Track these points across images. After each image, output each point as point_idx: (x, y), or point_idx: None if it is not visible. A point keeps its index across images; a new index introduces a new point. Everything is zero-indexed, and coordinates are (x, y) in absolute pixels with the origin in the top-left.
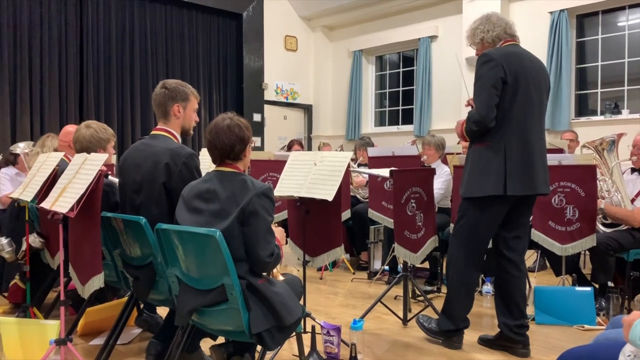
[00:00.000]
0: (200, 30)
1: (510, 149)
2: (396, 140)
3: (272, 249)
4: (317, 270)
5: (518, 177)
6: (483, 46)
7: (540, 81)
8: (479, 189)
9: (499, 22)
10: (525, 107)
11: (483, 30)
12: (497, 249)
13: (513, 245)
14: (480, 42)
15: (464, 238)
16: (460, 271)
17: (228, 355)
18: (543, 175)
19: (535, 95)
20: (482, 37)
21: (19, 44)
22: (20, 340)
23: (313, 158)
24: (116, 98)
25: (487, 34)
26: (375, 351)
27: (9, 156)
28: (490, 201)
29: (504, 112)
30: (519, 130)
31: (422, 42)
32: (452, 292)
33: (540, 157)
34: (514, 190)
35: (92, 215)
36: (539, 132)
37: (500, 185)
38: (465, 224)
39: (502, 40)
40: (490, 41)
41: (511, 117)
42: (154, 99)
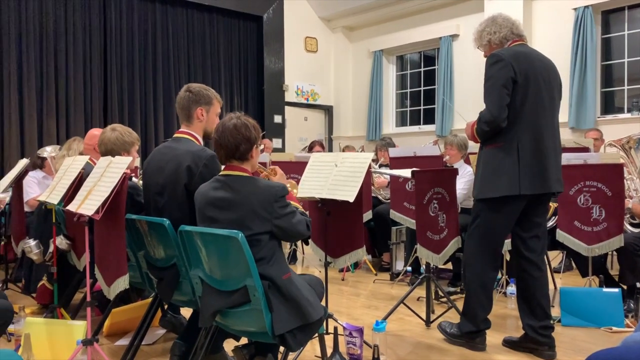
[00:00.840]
0: (222, 33)
1: (522, 148)
2: (418, 141)
3: (305, 222)
4: (338, 271)
5: (531, 176)
6: (490, 48)
7: (551, 80)
8: (493, 190)
9: (505, 22)
10: (536, 106)
11: (490, 32)
12: (517, 250)
13: (532, 246)
14: (487, 44)
15: (479, 239)
16: (476, 272)
17: (250, 357)
18: (556, 174)
19: (546, 94)
20: (489, 39)
21: (45, 49)
22: (48, 340)
23: (334, 159)
24: (139, 101)
25: (494, 35)
26: (398, 352)
27: (36, 160)
28: (504, 201)
29: (515, 111)
30: (531, 130)
31: (444, 41)
32: (470, 293)
33: (554, 155)
34: (527, 189)
35: (117, 218)
36: (552, 130)
37: (515, 185)
38: (480, 225)
39: (510, 41)
40: (498, 42)
41: (523, 117)
42: (178, 102)
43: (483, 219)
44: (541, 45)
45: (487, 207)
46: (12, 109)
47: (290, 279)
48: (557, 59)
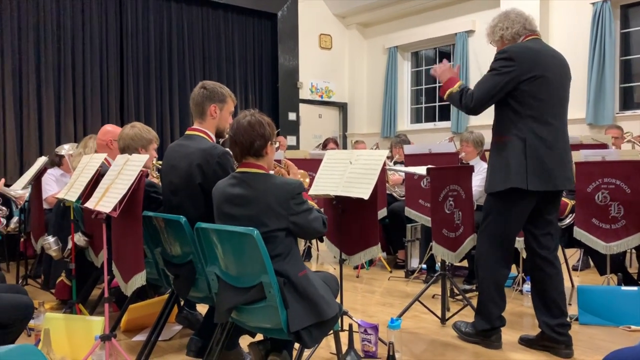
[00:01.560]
0: (236, 30)
1: (530, 145)
2: (433, 137)
3: (321, 219)
4: (353, 268)
5: (539, 173)
6: (503, 43)
7: (562, 77)
8: (502, 183)
9: (517, 18)
10: (546, 103)
11: (502, 28)
12: (530, 248)
13: (545, 243)
14: (500, 39)
15: (490, 235)
16: (489, 269)
17: (266, 353)
18: (564, 171)
19: (556, 91)
20: (502, 35)
21: (63, 49)
22: (67, 335)
23: (348, 157)
24: (155, 100)
25: (507, 31)
26: (413, 350)
27: (54, 157)
28: (514, 196)
29: (525, 107)
30: (539, 126)
31: (459, 37)
32: (483, 290)
33: (562, 152)
34: (535, 186)
35: (134, 215)
36: (562, 127)
37: (523, 179)
38: (492, 222)
39: (523, 36)
40: (510, 38)
41: (532, 112)
42: (192, 98)
43: (494, 215)
44: (558, 40)
45: (498, 203)
46: (31, 109)
47: (305, 276)
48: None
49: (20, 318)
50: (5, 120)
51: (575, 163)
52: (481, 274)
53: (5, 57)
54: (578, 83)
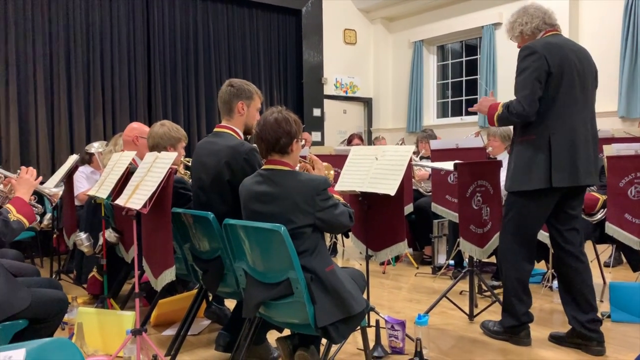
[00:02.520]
0: (261, 27)
1: (555, 141)
2: (460, 132)
3: (347, 213)
4: (379, 264)
5: (563, 169)
6: (523, 39)
7: (585, 70)
8: (525, 183)
9: (536, 12)
10: (569, 98)
11: (521, 23)
12: (555, 243)
13: (569, 238)
14: (519, 35)
15: (512, 232)
16: (512, 265)
17: (293, 348)
18: (588, 166)
19: (580, 85)
20: (521, 30)
21: (91, 48)
22: (99, 329)
23: (374, 152)
24: (182, 98)
25: (526, 26)
26: (441, 346)
27: (85, 155)
28: (537, 194)
29: (548, 104)
30: (563, 122)
31: (486, 30)
32: (508, 287)
33: (586, 148)
34: (559, 182)
35: (163, 211)
36: (585, 122)
37: (546, 178)
38: (513, 218)
39: (543, 31)
40: (530, 33)
41: (555, 109)
42: (220, 96)
43: (515, 212)
44: (589, 33)
45: (519, 200)
46: (62, 108)
47: (333, 272)
48: (606, 45)
49: (56, 312)
50: (38, 119)
51: (607, 157)
52: (505, 270)
53: (37, 59)
54: (610, 75)
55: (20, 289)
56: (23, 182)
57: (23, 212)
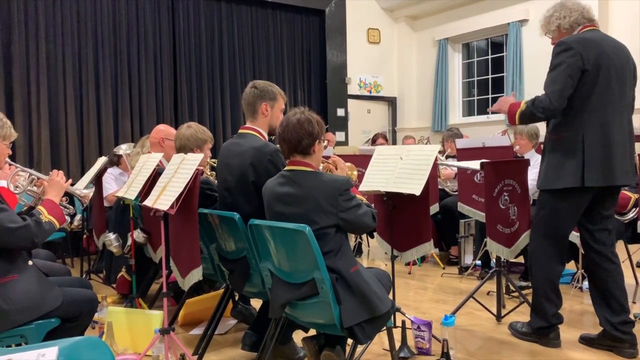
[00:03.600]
0: (285, 28)
1: (588, 139)
2: (486, 130)
3: (371, 213)
4: (405, 264)
5: (596, 168)
6: (560, 34)
7: (624, 67)
8: (557, 181)
9: (575, 6)
10: (605, 96)
11: (559, 17)
12: (586, 243)
13: (601, 238)
14: (556, 29)
15: (544, 232)
16: (542, 265)
17: (319, 348)
18: (624, 165)
19: (617, 82)
20: (559, 24)
21: (119, 53)
22: (128, 328)
23: (399, 152)
24: (207, 100)
25: (564, 20)
26: (468, 347)
27: (113, 157)
28: (569, 193)
29: (582, 101)
30: (598, 120)
31: (512, 27)
32: (537, 287)
33: (621, 147)
34: (592, 181)
35: (190, 212)
36: (621, 121)
37: (578, 177)
38: (544, 217)
39: (581, 26)
40: (568, 27)
41: (590, 107)
42: (244, 98)
43: (547, 211)
44: (619, 30)
45: (552, 199)
46: (91, 111)
47: (358, 272)
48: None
49: (87, 311)
50: (67, 122)
51: None
52: (534, 270)
53: (66, 62)
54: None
55: (53, 289)
56: (54, 184)
57: (54, 214)
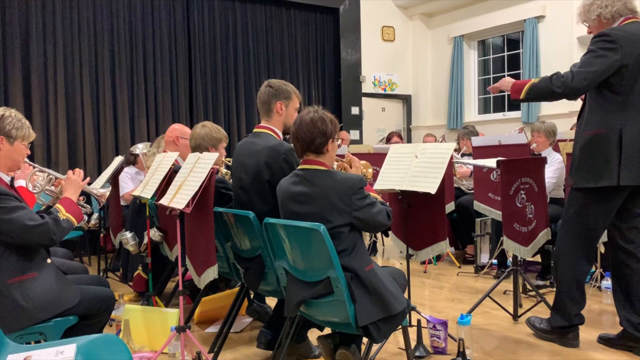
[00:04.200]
0: (299, 27)
1: (626, 136)
2: (502, 128)
3: (385, 211)
4: (420, 263)
5: (633, 166)
6: (600, 23)
7: None
8: (591, 179)
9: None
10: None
11: (600, 6)
12: (614, 241)
13: (630, 237)
14: (596, 18)
15: (574, 230)
16: (570, 265)
17: (334, 346)
18: None
19: None
20: (600, 14)
21: (135, 52)
22: (145, 326)
23: (414, 150)
24: (222, 99)
25: (606, 9)
26: (485, 347)
27: (129, 156)
28: (603, 191)
29: (622, 97)
30: (637, 117)
31: (528, 23)
32: (562, 286)
33: None
34: (628, 180)
35: (205, 211)
36: None
37: (614, 175)
38: (576, 215)
39: (623, 17)
40: (609, 17)
41: (630, 103)
42: (259, 97)
43: (580, 209)
44: None
45: (585, 197)
46: (107, 111)
47: (372, 271)
48: None
49: (104, 309)
50: (85, 122)
51: None
52: (561, 269)
53: (83, 62)
54: None
55: (71, 286)
56: (71, 182)
57: (71, 212)
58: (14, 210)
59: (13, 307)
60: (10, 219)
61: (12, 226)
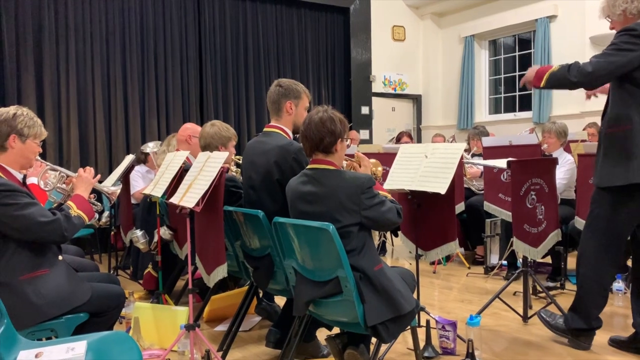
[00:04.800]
0: (309, 26)
1: None
2: (513, 129)
3: (395, 209)
4: (429, 264)
5: None
6: (625, 19)
7: None
8: (617, 178)
9: None
10: None
11: (627, 1)
12: (634, 241)
13: None
14: (622, 14)
15: (598, 231)
16: (593, 267)
17: (343, 346)
18: None
19: None
20: (625, 8)
21: (146, 52)
22: (154, 324)
23: (424, 150)
24: (232, 98)
25: (632, 4)
26: (494, 348)
27: (140, 155)
28: (630, 191)
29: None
30: None
31: (540, 23)
32: (584, 290)
33: None
34: None
35: (215, 210)
36: None
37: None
38: (601, 216)
39: None
40: (635, 12)
41: None
42: (269, 96)
43: (604, 209)
44: None
45: (608, 196)
46: (119, 110)
47: (381, 270)
48: None
49: (114, 306)
50: (96, 121)
51: None
52: (583, 271)
53: (94, 62)
54: None
55: (82, 283)
56: (82, 180)
57: (82, 208)
58: (27, 206)
59: (25, 303)
60: (23, 216)
61: (24, 222)
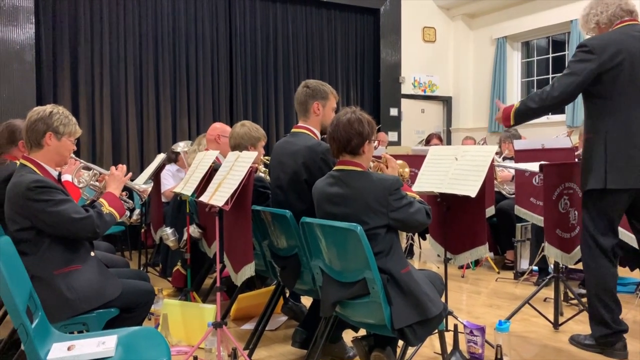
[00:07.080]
0: (339, 28)
1: (611, 140)
2: (546, 132)
3: (424, 210)
4: (458, 267)
5: (620, 170)
6: (600, 30)
7: None
8: (584, 183)
9: None
10: (630, 96)
11: (596, 13)
12: None
13: None
14: (595, 26)
15: (586, 233)
16: (592, 270)
17: (369, 348)
18: None
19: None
20: (597, 21)
21: (177, 53)
22: (182, 321)
23: (454, 153)
24: (262, 99)
25: (602, 15)
26: (523, 355)
27: (171, 154)
28: (600, 194)
29: (606, 101)
30: (620, 120)
31: (575, 25)
32: (591, 294)
33: None
34: (614, 183)
35: (244, 209)
36: None
37: (602, 179)
38: (584, 219)
39: (619, 19)
40: (607, 21)
41: (614, 107)
42: (296, 97)
43: (585, 212)
44: None
45: (588, 201)
46: (150, 109)
47: (409, 273)
48: None
49: (144, 303)
50: (128, 120)
51: None
52: (585, 276)
53: (128, 64)
54: None
55: (113, 279)
56: (114, 178)
57: (114, 206)
58: (61, 203)
59: (58, 297)
60: (57, 212)
61: (59, 218)
